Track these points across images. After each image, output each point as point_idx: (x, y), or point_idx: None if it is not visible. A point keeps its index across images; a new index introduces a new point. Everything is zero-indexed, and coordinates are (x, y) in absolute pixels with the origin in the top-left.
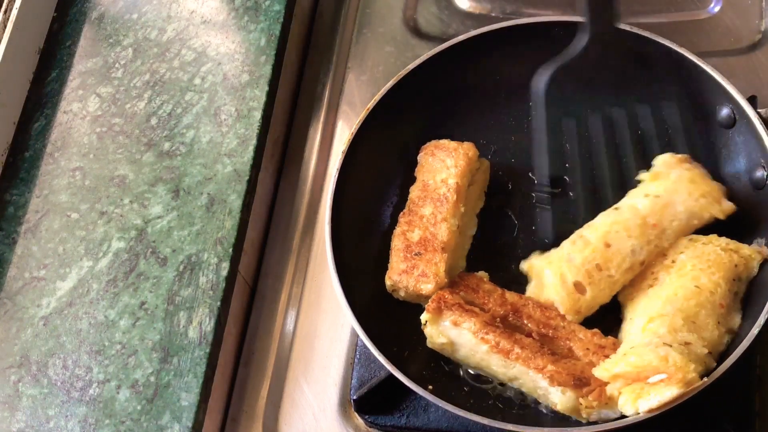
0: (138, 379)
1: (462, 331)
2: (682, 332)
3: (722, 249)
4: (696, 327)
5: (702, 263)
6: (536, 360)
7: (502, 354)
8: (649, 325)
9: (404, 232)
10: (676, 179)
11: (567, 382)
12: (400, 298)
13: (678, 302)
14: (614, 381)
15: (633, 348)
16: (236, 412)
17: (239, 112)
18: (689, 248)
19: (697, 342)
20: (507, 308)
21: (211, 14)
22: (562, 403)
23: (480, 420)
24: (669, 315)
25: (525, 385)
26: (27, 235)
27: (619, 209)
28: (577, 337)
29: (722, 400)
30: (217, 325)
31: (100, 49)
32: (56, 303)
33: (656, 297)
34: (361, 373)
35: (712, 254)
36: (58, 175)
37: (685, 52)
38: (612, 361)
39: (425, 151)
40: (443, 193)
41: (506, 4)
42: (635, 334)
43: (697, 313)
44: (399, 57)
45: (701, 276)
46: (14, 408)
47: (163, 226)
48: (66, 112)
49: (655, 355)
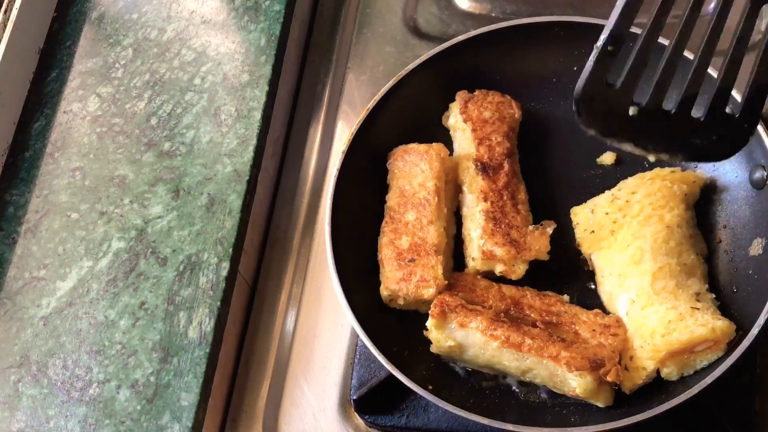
0: (138, 379)
1: (469, 331)
2: (685, 282)
3: (670, 181)
4: (688, 268)
5: (659, 200)
6: (549, 349)
7: (513, 348)
8: (656, 285)
9: (392, 241)
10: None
11: (583, 365)
12: (398, 307)
13: (662, 249)
14: (665, 363)
15: (669, 323)
16: (236, 412)
17: (239, 112)
18: (640, 187)
19: (704, 291)
20: (507, 302)
21: (211, 14)
22: (581, 386)
23: (480, 420)
24: (666, 267)
25: (540, 375)
26: (27, 235)
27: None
28: (580, 319)
29: (722, 400)
30: (217, 325)
31: (100, 49)
32: (56, 303)
33: (636, 248)
34: (361, 373)
35: (663, 188)
36: (58, 175)
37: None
38: (657, 345)
39: (394, 157)
40: (423, 197)
41: (506, 4)
42: (644, 299)
43: (680, 252)
44: (399, 57)
45: (665, 214)
46: (14, 408)
47: (163, 226)
48: (66, 112)
49: (703, 327)
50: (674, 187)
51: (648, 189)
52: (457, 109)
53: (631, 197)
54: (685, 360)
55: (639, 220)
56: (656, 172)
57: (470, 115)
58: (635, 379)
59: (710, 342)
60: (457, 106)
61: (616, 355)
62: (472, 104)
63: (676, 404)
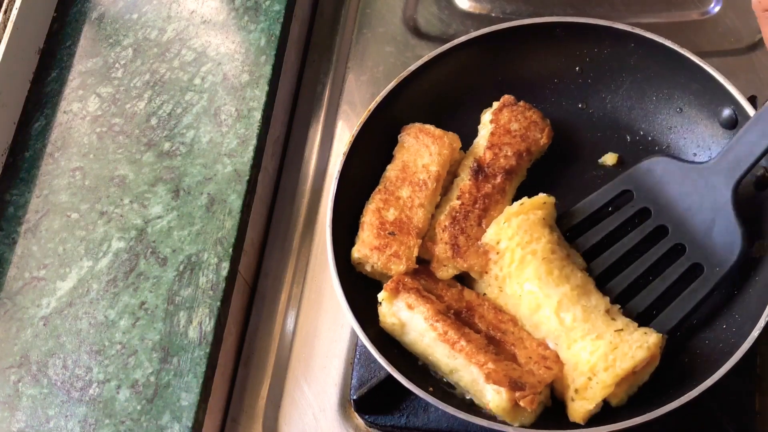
0: (138, 379)
1: (414, 314)
2: (589, 303)
3: (524, 214)
4: (581, 288)
5: (522, 237)
6: (479, 355)
7: (447, 343)
8: (565, 321)
9: (379, 209)
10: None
11: (503, 382)
12: (363, 272)
13: (550, 283)
14: (614, 394)
15: (606, 355)
16: (236, 412)
17: (239, 112)
18: (500, 234)
19: (608, 304)
20: (462, 304)
21: (211, 14)
22: (494, 401)
23: (479, 421)
24: (563, 299)
25: (463, 378)
26: (27, 235)
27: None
28: (523, 344)
29: (722, 400)
30: (217, 325)
31: (100, 49)
32: (56, 303)
33: (527, 297)
34: (361, 373)
35: (521, 223)
36: (58, 175)
37: (686, 52)
38: (605, 380)
39: (408, 132)
40: (423, 178)
41: (506, 4)
42: (564, 339)
43: (567, 276)
44: (399, 57)
45: (536, 248)
46: (14, 408)
47: (163, 226)
48: (66, 112)
49: (641, 350)
50: (530, 217)
51: (508, 232)
52: (493, 108)
53: (498, 248)
54: (630, 383)
55: (515, 265)
56: (507, 211)
57: (498, 119)
58: (582, 413)
59: (649, 359)
60: (496, 106)
61: (541, 386)
62: (508, 111)
63: (676, 407)
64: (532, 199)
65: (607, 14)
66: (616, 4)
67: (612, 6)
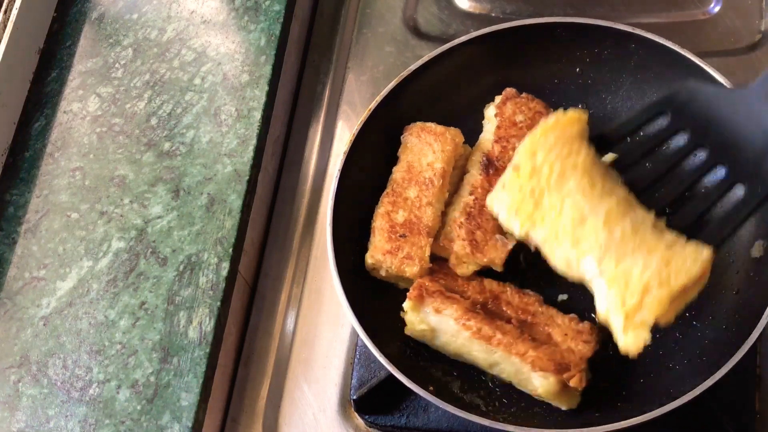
0: (138, 379)
1: (443, 317)
2: (636, 216)
3: (560, 127)
4: (626, 201)
5: (561, 150)
6: (517, 346)
7: (483, 340)
8: (615, 235)
9: (388, 212)
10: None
11: (548, 367)
12: (379, 277)
13: (595, 195)
14: (670, 306)
15: (660, 271)
16: (236, 412)
17: (239, 112)
18: (537, 147)
19: (654, 217)
20: (486, 295)
21: (211, 14)
22: (543, 387)
23: (480, 420)
24: (611, 212)
25: (505, 370)
26: (27, 235)
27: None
28: (555, 322)
29: (722, 400)
30: (217, 325)
31: (100, 49)
32: (56, 303)
33: (572, 208)
34: (361, 373)
35: (559, 137)
36: (58, 175)
37: (686, 52)
38: (661, 297)
39: (410, 132)
40: (429, 176)
41: (506, 4)
42: (611, 254)
43: (612, 189)
44: (399, 57)
45: (576, 161)
46: (14, 408)
47: (163, 226)
48: (66, 112)
49: (695, 263)
50: (567, 130)
51: (545, 145)
52: (496, 102)
53: (534, 161)
54: (680, 301)
55: (555, 178)
56: (543, 124)
57: (503, 112)
58: (638, 343)
59: (702, 274)
60: (499, 99)
61: (583, 362)
62: (511, 103)
63: (676, 407)
64: (567, 113)
65: (607, 14)
66: (616, 4)
67: (612, 6)
